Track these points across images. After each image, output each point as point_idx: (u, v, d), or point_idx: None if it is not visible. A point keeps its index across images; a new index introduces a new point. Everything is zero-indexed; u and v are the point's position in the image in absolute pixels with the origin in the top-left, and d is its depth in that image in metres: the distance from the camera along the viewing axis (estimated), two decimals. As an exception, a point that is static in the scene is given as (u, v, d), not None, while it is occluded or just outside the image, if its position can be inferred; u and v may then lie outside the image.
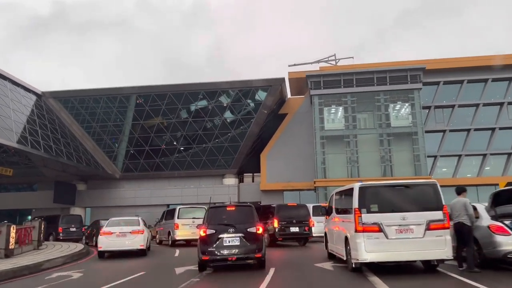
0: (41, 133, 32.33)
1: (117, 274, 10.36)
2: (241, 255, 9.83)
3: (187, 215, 19.84)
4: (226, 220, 10.33)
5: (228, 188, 39.20)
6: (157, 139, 40.27)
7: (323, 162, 36.47)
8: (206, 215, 10.74)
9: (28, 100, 35.06)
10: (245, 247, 9.81)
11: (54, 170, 37.58)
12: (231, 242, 9.82)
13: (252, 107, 38.93)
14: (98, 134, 40.83)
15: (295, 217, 16.70)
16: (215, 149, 39.44)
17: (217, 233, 9.92)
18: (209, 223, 10.26)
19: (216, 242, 9.82)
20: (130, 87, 39.26)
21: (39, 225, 17.47)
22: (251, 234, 9.98)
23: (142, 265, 12.23)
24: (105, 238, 14.87)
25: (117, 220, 16.58)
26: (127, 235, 14.92)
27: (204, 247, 9.88)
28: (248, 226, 10.08)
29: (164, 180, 40.58)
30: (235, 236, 9.88)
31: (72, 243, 21.36)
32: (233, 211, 10.82)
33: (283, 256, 13.92)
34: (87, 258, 15.75)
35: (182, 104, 39.07)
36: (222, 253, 9.77)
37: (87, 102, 40.32)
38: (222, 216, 10.60)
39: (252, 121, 38.39)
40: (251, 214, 10.57)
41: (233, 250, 9.78)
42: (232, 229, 9.96)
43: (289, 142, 38.26)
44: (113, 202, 40.31)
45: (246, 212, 10.75)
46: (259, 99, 38.50)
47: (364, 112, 38.14)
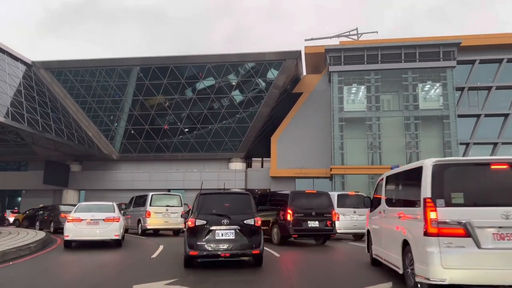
0: (26, 105, 28.91)
1: (84, 271, 8.30)
2: (236, 251, 8.38)
3: (160, 203, 17.97)
4: (219, 210, 8.77)
5: (235, 174, 35.57)
6: (158, 118, 36.66)
7: (341, 147, 32.54)
8: (196, 202, 8.91)
9: (15, 69, 31.59)
10: (241, 242, 8.40)
11: (45, 148, 34.34)
12: (225, 236, 8.39)
13: (263, 86, 35.04)
14: (94, 111, 37.36)
15: (315, 208, 12.91)
16: (222, 130, 35.76)
17: (208, 224, 8.41)
18: (199, 212, 8.58)
19: (207, 235, 8.34)
20: (128, 58, 35.59)
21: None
22: (248, 227, 8.56)
23: (117, 259, 10.28)
24: (74, 225, 12.47)
25: (87, 205, 14.05)
26: (99, 223, 12.63)
27: (192, 241, 8.35)
28: (245, 218, 8.63)
29: (165, 163, 37.09)
30: (229, 228, 8.43)
31: (33, 230, 18.00)
32: (227, 199, 9.41)
33: (301, 262, 10.17)
34: (49, 248, 12.49)
35: (186, 79, 35.30)
36: (214, 248, 8.29)
37: (82, 75, 36.77)
38: (214, 204, 9.01)
39: (262, 102, 34.53)
40: (249, 204, 9.10)
41: (226, 244, 8.34)
42: (226, 220, 8.48)
43: (303, 125, 34.38)
44: (109, 185, 36.96)
45: (242, 201, 9.27)
46: (271, 77, 34.55)
47: (388, 93, 34.02)
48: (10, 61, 31.29)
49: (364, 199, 9.07)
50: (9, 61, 31.18)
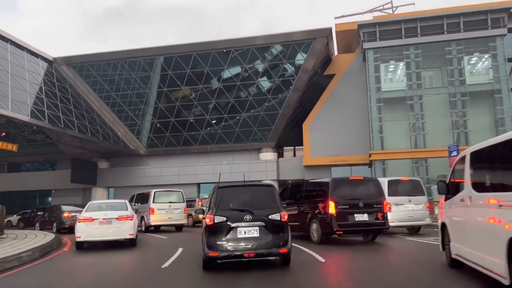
0: (47, 101, 27.92)
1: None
2: (261, 250, 7.46)
3: (163, 199, 18.21)
4: (240, 205, 7.82)
5: (266, 164, 33.61)
6: (184, 110, 35.09)
7: (380, 130, 29.91)
8: (213, 197, 7.93)
9: (35, 66, 30.69)
10: (266, 240, 7.49)
11: (71, 146, 33.50)
12: (248, 234, 7.50)
13: (292, 71, 32.74)
14: (119, 105, 36.21)
15: (362, 198, 10.70)
16: (250, 120, 33.81)
17: (228, 221, 7.50)
18: (217, 208, 7.64)
19: (228, 233, 7.47)
20: (149, 48, 34.07)
21: (1, 211, 13.21)
22: (274, 223, 7.64)
23: (134, 260, 9.54)
24: (85, 225, 11.73)
25: (99, 204, 13.32)
26: (112, 222, 11.88)
27: (211, 240, 7.45)
28: (270, 213, 7.68)
29: (193, 156, 35.57)
30: (253, 225, 7.52)
31: (41, 231, 16.91)
32: (248, 192, 8.35)
33: (357, 270, 7.99)
34: (59, 251, 11.32)
35: (210, 66, 33.47)
36: (236, 248, 7.40)
37: (104, 69, 35.63)
38: (234, 198, 8.04)
39: (291, 87, 32.27)
40: (272, 197, 8.11)
41: (250, 243, 7.43)
42: (248, 216, 7.53)
43: (338, 108, 31.90)
44: (138, 181, 35.80)
45: (265, 193, 8.23)
46: (300, 60, 32.21)
47: (430, 68, 31.03)
48: (30, 58, 30.42)
49: (438, 184, 6.85)
50: (29, 57, 30.31)
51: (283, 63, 32.75)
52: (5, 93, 23.90)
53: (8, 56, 27.47)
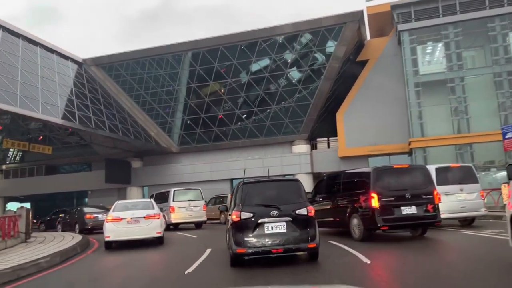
0: (77, 103, 27.98)
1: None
2: (289, 245, 7.38)
3: (183, 197, 18.81)
4: (266, 200, 7.76)
5: (299, 157, 32.55)
6: (213, 105, 34.52)
7: (420, 116, 28.21)
8: (239, 193, 7.85)
9: (65, 68, 30.90)
10: (294, 235, 7.42)
11: (104, 146, 33.69)
12: (275, 229, 7.40)
13: (323, 59, 31.45)
14: (149, 104, 36.10)
15: (409, 188, 9.56)
16: (281, 112, 32.83)
17: (255, 217, 7.42)
18: (243, 204, 7.60)
19: (255, 229, 7.38)
20: (176, 44, 33.60)
21: (26, 213, 12.98)
22: (301, 218, 7.55)
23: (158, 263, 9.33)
24: (114, 225, 11.90)
25: (125, 203, 13.44)
26: (140, 221, 12.02)
27: (238, 237, 7.40)
28: (297, 207, 7.60)
29: (225, 151, 34.96)
30: (280, 220, 7.42)
31: (68, 233, 16.88)
32: (273, 187, 8.32)
33: (413, 274, 6.86)
34: (83, 255, 11.09)
35: (238, 59, 32.67)
36: (264, 244, 7.33)
37: (133, 68, 35.57)
38: (259, 194, 7.95)
39: (322, 77, 31.00)
40: (298, 191, 8.06)
41: (278, 239, 7.36)
42: (275, 211, 7.45)
43: (373, 95, 30.35)
44: (171, 179, 35.51)
45: (291, 188, 8.26)
46: (330, 48, 30.89)
47: (472, 48, 29.00)
48: (59, 60, 30.63)
49: (508, 168, 5.72)
50: (58, 60, 30.52)
51: (313, 51, 31.52)
52: (35, 96, 24.01)
53: (38, 60, 27.69)
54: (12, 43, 26.13)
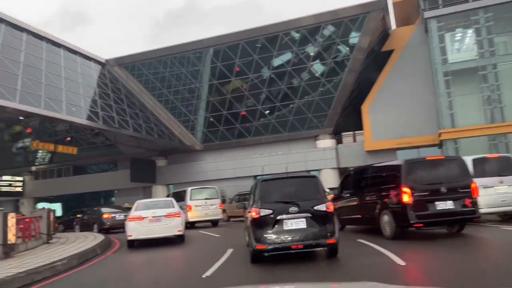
0: (101, 103, 28.14)
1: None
2: (309, 241, 7.31)
3: (199, 196, 19.20)
4: (285, 197, 7.77)
5: (324, 152, 31.83)
6: (235, 102, 34.17)
7: (450, 106, 26.99)
8: (257, 190, 7.92)
9: (87, 69, 31.16)
10: (313, 231, 7.35)
11: (129, 146, 33.91)
12: (295, 225, 7.36)
13: (347, 51, 30.59)
14: (172, 102, 36.08)
15: (444, 182, 8.86)
16: (304, 106, 32.17)
17: (274, 213, 7.41)
18: (262, 201, 7.65)
19: (274, 225, 7.38)
20: (195, 42, 33.39)
21: (47, 214, 12.80)
22: (320, 214, 7.48)
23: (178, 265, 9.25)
24: (136, 224, 12.07)
25: (146, 203, 13.56)
26: (161, 220, 12.17)
27: (258, 233, 7.41)
28: (315, 203, 7.55)
29: (248, 148, 34.57)
30: (299, 216, 7.38)
31: (89, 233, 17.28)
32: (292, 184, 8.38)
33: (458, 279, 6.28)
34: (102, 256, 10.89)
35: (259, 54, 32.18)
36: (284, 240, 7.31)
37: (155, 67, 35.60)
38: (278, 191, 8.00)
39: (346, 69, 30.17)
40: (317, 188, 8.00)
41: (298, 235, 7.30)
42: (294, 207, 7.42)
43: (399, 87, 29.33)
44: (195, 176, 35.45)
45: (309, 185, 8.21)
46: (354, 39, 30.01)
47: (504, 33, 27.50)
48: (82, 61, 30.91)
49: None
50: (82, 61, 30.80)
51: (336, 43, 30.69)
52: (59, 97, 24.22)
53: (61, 61, 27.97)
54: (35, 45, 26.48)
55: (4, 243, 9.01)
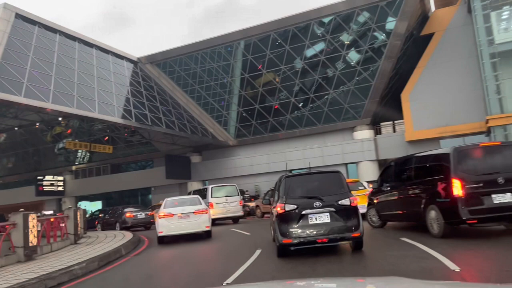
0: (133, 101, 28.16)
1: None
2: (334, 235, 7.45)
3: (220, 193, 19.51)
4: (309, 192, 7.90)
5: (362, 144, 30.52)
6: (267, 95, 33.39)
7: (498, 90, 25.03)
8: (282, 186, 8.03)
9: (120, 68, 31.32)
10: (338, 225, 7.51)
11: (164, 143, 33.98)
12: (319, 220, 7.54)
13: (383, 38, 29.06)
14: (204, 98, 35.78)
15: (502, 171, 7.72)
16: (340, 97, 30.93)
17: (299, 208, 7.60)
18: (287, 197, 7.80)
19: (299, 220, 7.57)
20: (224, 35, 32.85)
21: (74, 214, 12.55)
22: (344, 208, 7.65)
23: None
24: (166, 221, 12.58)
25: (174, 200, 14.02)
26: (190, 216, 12.71)
27: (283, 228, 7.62)
28: (339, 198, 7.71)
29: (282, 142, 33.77)
30: (323, 211, 7.55)
31: (119, 231, 17.37)
32: (315, 179, 8.49)
33: None
34: (139, 250, 11.59)
35: (290, 44, 31.22)
36: (309, 234, 7.47)
37: (186, 63, 35.38)
38: (302, 186, 8.10)
39: (383, 56, 28.66)
40: (340, 183, 8.11)
41: (322, 229, 7.47)
42: (318, 202, 7.57)
43: (441, 72, 27.59)
44: (230, 172, 35.16)
45: (333, 180, 8.24)
46: (391, 21, 28.44)
47: (558, 8, 25.16)
48: (114, 60, 31.07)
49: None
50: (114, 60, 30.96)
51: (372, 29, 29.22)
52: (92, 96, 24.32)
53: (93, 61, 28.18)
54: (68, 46, 26.77)
55: (25, 245, 8.72)
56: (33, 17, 24.88)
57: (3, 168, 45.97)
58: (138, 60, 34.52)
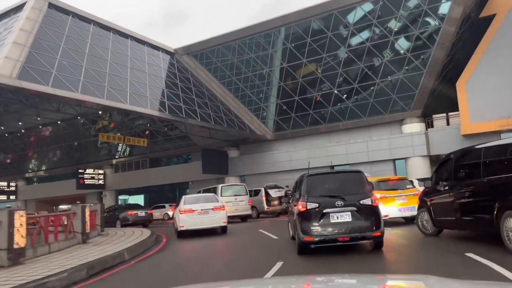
0: (167, 92, 27.23)
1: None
2: (355, 234, 7.59)
3: (229, 192, 20.17)
4: (331, 191, 8.10)
5: (411, 138, 27.94)
6: (308, 85, 31.46)
7: None
8: (303, 185, 8.15)
9: (156, 59, 30.55)
10: (359, 224, 7.65)
11: (201, 137, 33.01)
12: (341, 218, 7.66)
13: (436, 22, 26.28)
14: (242, 90, 34.39)
15: None
16: (387, 87, 28.48)
17: (321, 207, 7.72)
18: (309, 195, 7.92)
19: (321, 218, 7.69)
20: (262, 23, 31.23)
21: (82, 211, 11.57)
22: (366, 208, 7.80)
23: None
24: (187, 216, 13.55)
25: (192, 197, 15.30)
26: (209, 212, 13.75)
27: (305, 226, 7.76)
28: (361, 198, 7.86)
29: (323, 136, 31.75)
30: (345, 210, 7.67)
31: (137, 228, 17.49)
32: (337, 179, 8.86)
33: None
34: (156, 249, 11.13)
35: (332, 31, 29.10)
36: (330, 232, 7.62)
37: (223, 54, 34.13)
38: (324, 185, 8.37)
39: (435, 44, 25.94)
40: (362, 182, 8.27)
41: (344, 228, 7.60)
42: (340, 201, 7.72)
43: (503, 57, 24.58)
44: (268, 167, 33.64)
45: (354, 180, 8.43)
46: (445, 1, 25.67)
47: None
48: (150, 51, 30.32)
49: None
50: (149, 51, 30.21)
51: (423, 13, 26.51)
52: (124, 87, 23.54)
53: (128, 52, 27.51)
54: (102, 36, 26.22)
55: (9, 247, 7.57)
56: (67, 7, 24.43)
57: (48, 161, 47.07)
58: (174, 52, 33.66)
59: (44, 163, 47.78)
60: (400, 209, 12.94)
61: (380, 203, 13.03)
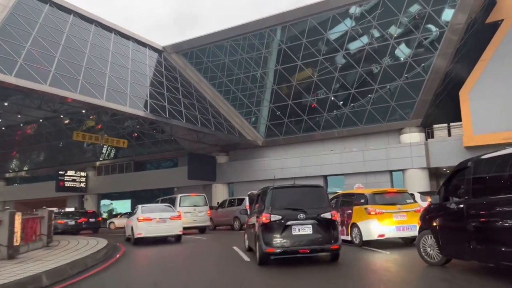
0: (151, 91, 25.43)
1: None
2: (315, 246, 8.15)
3: (188, 203, 20.11)
4: (293, 204, 8.47)
5: (410, 148, 26.22)
6: (302, 89, 29.76)
7: None
8: (267, 197, 8.54)
9: (141, 56, 28.80)
10: (319, 237, 8.17)
11: (189, 141, 31.20)
12: (302, 231, 8.12)
13: (440, 27, 24.70)
14: (233, 92, 32.65)
15: None
16: (386, 94, 26.86)
17: (283, 219, 8.14)
18: (272, 207, 8.31)
19: (284, 230, 8.09)
20: (255, 21, 29.58)
21: (48, 215, 12.34)
22: (326, 221, 8.33)
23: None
24: (145, 224, 14.10)
25: (149, 207, 15.72)
26: (166, 221, 14.38)
27: (267, 237, 8.11)
28: (322, 211, 8.37)
29: (317, 143, 30.06)
30: (306, 223, 8.16)
31: (91, 237, 16.87)
32: (300, 193, 9.13)
33: None
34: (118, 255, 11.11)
35: (330, 32, 27.47)
36: (292, 244, 8.06)
37: (214, 54, 32.42)
38: (287, 199, 8.71)
39: (437, 52, 24.38)
40: (323, 197, 8.87)
41: (305, 240, 8.10)
42: (302, 214, 8.18)
43: (509, 67, 23.07)
44: (257, 175, 31.70)
45: (316, 194, 8.94)
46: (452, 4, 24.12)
47: None
48: (136, 47, 28.61)
49: None
50: (135, 47, 28.50)
51: (426, 18, 24.92)
52: (101, 82, 21.73)
53: (110, 46, 25.75)
54: (81, 28, 24.47)
55: (9, 244, 8.62)
56: (44, -5, 22.69)
57: (30, 162, 45.05)
58: (163, 49, 31.95)
59: (26, 163, 45.75)
60: (399, 228, 11.10)
61: (374, 219, 11.30)
